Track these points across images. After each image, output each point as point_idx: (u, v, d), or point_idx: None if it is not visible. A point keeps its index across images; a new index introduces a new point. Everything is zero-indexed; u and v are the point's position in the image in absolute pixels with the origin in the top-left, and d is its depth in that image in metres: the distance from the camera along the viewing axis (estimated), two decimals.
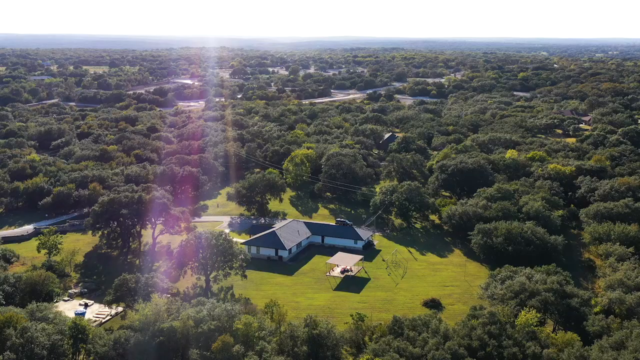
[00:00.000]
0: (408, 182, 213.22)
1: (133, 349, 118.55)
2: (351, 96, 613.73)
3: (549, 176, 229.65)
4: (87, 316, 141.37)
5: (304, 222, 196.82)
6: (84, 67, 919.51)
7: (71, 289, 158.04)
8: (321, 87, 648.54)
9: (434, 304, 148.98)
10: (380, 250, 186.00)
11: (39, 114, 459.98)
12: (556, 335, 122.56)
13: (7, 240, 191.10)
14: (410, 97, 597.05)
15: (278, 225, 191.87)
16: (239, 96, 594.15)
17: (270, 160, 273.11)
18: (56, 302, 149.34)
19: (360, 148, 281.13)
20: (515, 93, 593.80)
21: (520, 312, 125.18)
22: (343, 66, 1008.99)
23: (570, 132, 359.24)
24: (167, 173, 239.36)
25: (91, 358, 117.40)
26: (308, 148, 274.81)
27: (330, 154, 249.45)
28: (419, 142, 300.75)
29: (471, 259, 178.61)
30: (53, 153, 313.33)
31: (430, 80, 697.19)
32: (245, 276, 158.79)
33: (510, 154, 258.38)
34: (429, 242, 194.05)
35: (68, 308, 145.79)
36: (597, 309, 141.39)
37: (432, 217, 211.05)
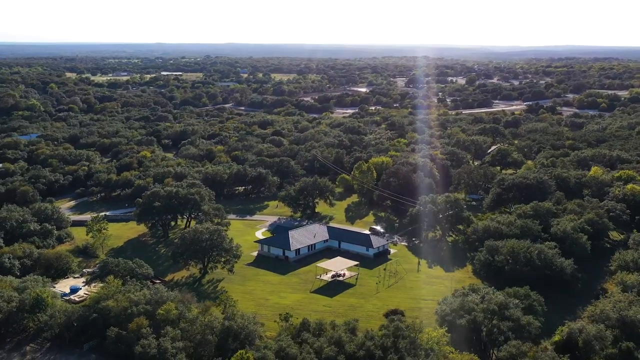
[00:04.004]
0: (447, 194, 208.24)
1: (76, 322, 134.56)
2: (513, 107, 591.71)
3: (623, 197, 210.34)
4: (80, 292, 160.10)
5: (327, 227, 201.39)
6: (272, 75, 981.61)
7: (89, 268, 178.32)
8: (485, 97, 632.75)
9: (394, 315, 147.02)
10: (390, 260, 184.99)
11: (198, 116, 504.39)
12: (468, 355, 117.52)
13: (76, 223, 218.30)
14: (577, 109, 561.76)
15: (297, 227, 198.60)
16: (395, 105, 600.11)
17: (352, 166, 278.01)
18: (67, 277, 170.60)
19: (444, 159, 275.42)
20: None
21: (426, 328, 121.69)
22: (529, 76, 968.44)
23: None
24: (241, 173, 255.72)
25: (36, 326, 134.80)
26: (391, 156, 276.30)
27: (400, 163, 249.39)
28: (515, 155, 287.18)
29: (476, 276, 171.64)
30: (178, 151, 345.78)
31: (606, 92, 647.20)
32: (231, 271, 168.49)
33: (594, 171, 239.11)
34: (448, 255, 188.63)
35: (70, 284, 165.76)
36: (556, 338, 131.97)
37: (469, 231, 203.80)
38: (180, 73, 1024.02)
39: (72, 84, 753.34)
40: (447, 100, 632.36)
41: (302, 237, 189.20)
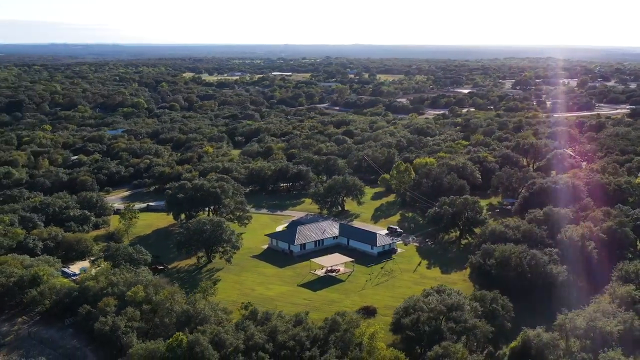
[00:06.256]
0: (465, 196, 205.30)
1: (62, 298, 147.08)
2: (617, 110, 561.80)
3: None
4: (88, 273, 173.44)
5: (340, 224, 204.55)
6: (379, 76, 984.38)
7: None
8: (588, 100, 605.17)
9: (367, 312, 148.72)
10: (393, 259, 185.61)
11: (286, 115, 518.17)
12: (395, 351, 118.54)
13: (117, 212, 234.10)
14: None
15: (309, 223, 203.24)
16: (490, 107, 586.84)
17: None
18: (84, 259, 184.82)
19: (494, 161, 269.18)
20: None
21: (362, 323, 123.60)
22: None
23: None
24: (283, 170, 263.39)
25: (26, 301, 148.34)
26: (439, 157, 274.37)
27: (439, 164, 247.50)
28: (571, 161, 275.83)
29: (471, 279, 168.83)
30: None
31: None
32: (229, 261, 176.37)
33: None
34: (453, 258, 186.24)
35: (84, 265, 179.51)
36: (513, 344, 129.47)
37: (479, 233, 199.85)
38: (290, 73, 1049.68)
39: (182, 83, 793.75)
40: (547, 102, 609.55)
41: (310, 233, 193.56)
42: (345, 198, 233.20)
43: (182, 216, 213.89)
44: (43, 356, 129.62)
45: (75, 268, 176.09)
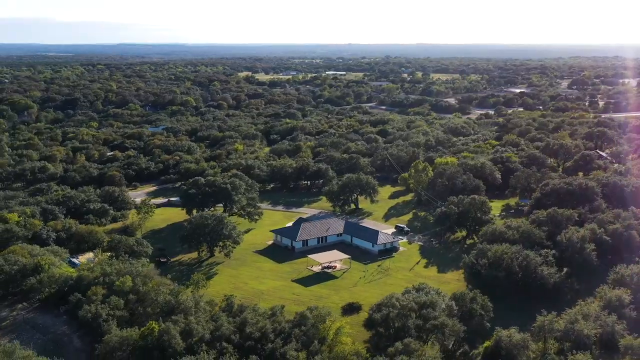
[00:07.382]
0: (473, 195, 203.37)
1: (60, 286, 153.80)
2: None
3: None
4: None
5: (346, 221, 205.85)
6: (432, 75, 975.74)
7: None
8: None
9: (350, 308, 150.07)
10: (393, 257, 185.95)
11: (328, 114, 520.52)
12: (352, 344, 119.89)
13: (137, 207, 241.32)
14: None
15: (314, 220, 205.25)
16: (538, 107, 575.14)
17: None
18: (95, 250, 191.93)
19: (519, 162, 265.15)
20: None
21: (328, 318, 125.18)
22: None
23: None
24: (304, 167, 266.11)
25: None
26: (463, 157, 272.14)
27: (459, 164, 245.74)
28: (600, 162, 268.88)
29: (465, 279, 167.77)
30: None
31: None
32: (228, 255, 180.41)
33: None
34: (454, 257, 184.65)
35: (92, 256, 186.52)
36: (487, 344, 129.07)
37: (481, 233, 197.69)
38: (344, 72, 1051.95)
39: (234, 82, 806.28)
40: (599, 102, 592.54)
41: (314, 230, 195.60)
42: (359, 196, 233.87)
43: (195, 211, 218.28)
44: (33, 341, 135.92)
45: (83, 259, 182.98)
